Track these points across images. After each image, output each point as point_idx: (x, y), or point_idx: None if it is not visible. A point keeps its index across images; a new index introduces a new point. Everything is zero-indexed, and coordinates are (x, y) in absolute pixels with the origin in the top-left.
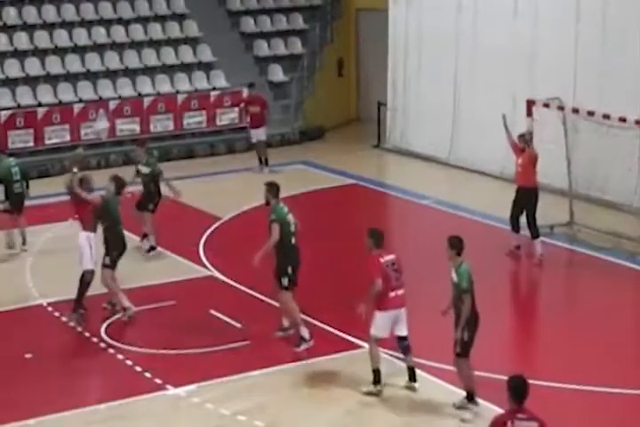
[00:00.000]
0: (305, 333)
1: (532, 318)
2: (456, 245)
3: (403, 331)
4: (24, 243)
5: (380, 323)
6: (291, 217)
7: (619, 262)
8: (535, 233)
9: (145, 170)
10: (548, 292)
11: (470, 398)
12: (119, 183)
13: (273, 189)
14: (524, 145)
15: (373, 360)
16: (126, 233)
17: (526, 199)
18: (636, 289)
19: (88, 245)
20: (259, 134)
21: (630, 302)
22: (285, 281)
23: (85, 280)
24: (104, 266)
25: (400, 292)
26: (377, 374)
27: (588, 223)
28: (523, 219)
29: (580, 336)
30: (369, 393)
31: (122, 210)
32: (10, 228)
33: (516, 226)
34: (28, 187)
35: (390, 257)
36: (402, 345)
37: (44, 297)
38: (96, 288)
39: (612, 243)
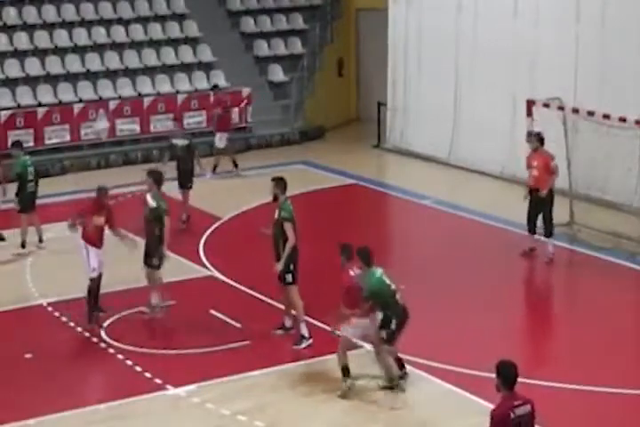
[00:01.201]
0: (305, 331)
1: (532, 318)
2: (357, 255)
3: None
4: (40, 241)
5: (356, 326)
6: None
7: (619, 262)
8: (549, 232)
9: (182, 142)
10: (547, 292)
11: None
12: (157, 176)
13: (281, 184)
14: (536, 144)
15: (342, 358)
16: (128, 233)
17: (542, 201)
18: (636, 289)
19: (86, 254)
20: (217, 140)
21: (630, 302)
22: (290, 277)
23: (88, 288)
24: (151, 266)
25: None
26: (346, 370)
27: (588, 223)
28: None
29: (579, 336)
30: (344, 395)
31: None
32: (25, 227)
33: (532, 228)
34: (37, 185)
35: (355, 270)
36: None
37: (44, 297)
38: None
39: (612, 243)
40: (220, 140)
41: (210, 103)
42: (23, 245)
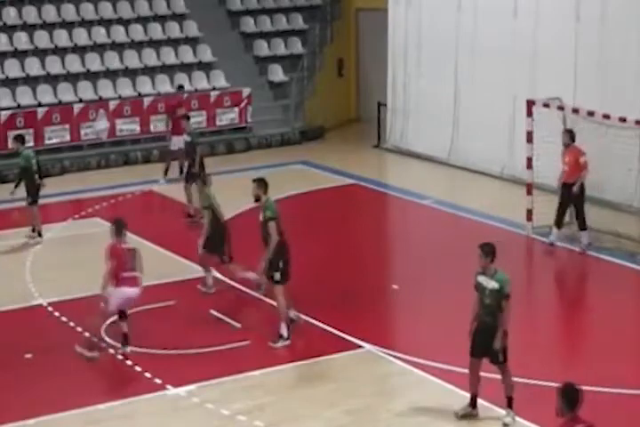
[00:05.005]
0: (285, 331)
1: (531, 318)
2: (490, 252)
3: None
4: (40, 235)
5: (115, 298)
6: None
7: (619, 262)
8: (583, 225)
9: (186, 138)
10: (547, 292)
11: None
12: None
13: (262, 184)
14: (567, 141)
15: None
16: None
17: (574, 196)
18: (636, 289)
19: None
20: (178, 143)
21: (630, 301)
22: (277, 275)
23: None
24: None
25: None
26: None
27: (588, 223)
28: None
29: (579, 336)
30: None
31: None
32: (37, 217)
33: (560, 223)
34: (41, 177)
35: (130, 246)
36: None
37: (44, 297)
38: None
39: (612, 243)
40: (178, 143)
41: (210, 103)
42: (40, 234)
